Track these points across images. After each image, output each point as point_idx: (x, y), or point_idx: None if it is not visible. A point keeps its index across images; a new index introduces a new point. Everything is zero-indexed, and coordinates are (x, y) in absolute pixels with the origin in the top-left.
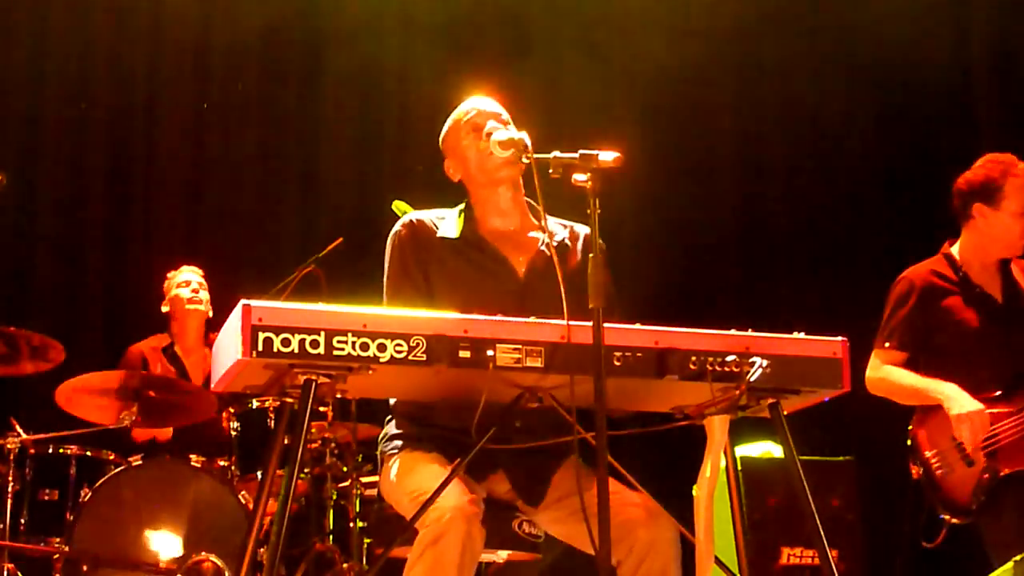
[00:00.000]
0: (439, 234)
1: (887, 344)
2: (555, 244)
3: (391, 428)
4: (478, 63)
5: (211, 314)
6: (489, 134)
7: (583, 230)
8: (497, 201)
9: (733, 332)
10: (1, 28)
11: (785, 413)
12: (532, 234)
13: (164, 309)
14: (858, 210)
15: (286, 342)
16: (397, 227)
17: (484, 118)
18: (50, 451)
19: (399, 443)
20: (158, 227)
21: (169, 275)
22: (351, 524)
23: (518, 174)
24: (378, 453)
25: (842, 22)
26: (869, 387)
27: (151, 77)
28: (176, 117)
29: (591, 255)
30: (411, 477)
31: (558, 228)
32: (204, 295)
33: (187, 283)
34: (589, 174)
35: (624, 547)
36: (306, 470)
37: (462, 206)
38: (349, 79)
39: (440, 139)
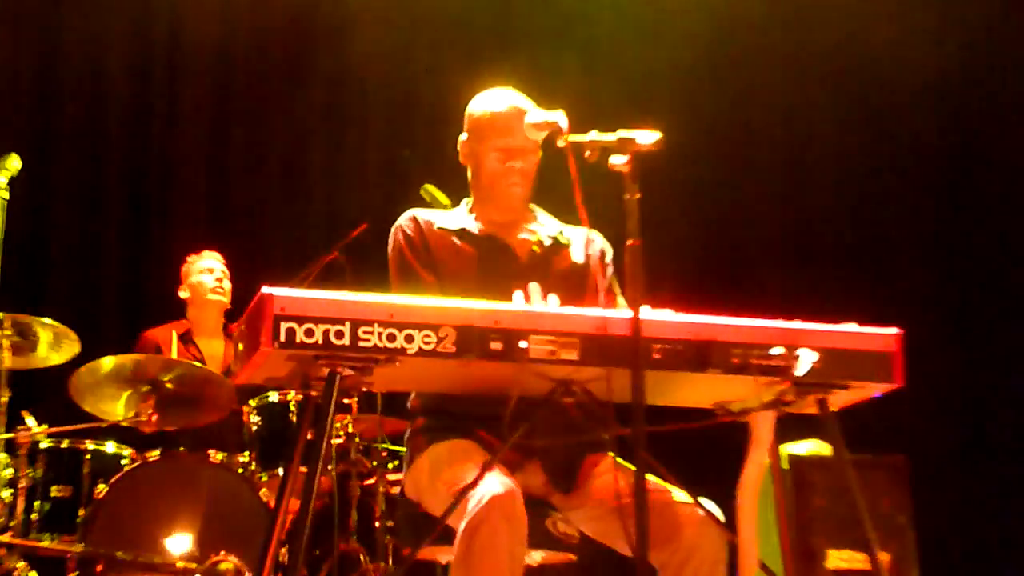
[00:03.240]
0: (438, 226)
1: None
2: (550, 237)
3: (416, 425)
4: (511, 50)
5: (229, 305)
6: (512, 169)
7: (585, 232)
8: (504, 197)
9: (779, 323)
10: (17, 15)
11: (834, 409)
12: (531, 226)
13: (183, 295)
14: (912, 198)
15: (309, 332)
16: (400, 222)
17: (515, 152)
18: (63, 446)
19: (428, 436)
20: (178, 213)
21: (189, 259)
22: (376, 523)
23: (529, 187)
24: (405, 453)
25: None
26: None
27: (172, 59)
28: (198, 101)
29: (628, 243)
30: (447, 468)
31: (553, 224)
32: (227, 284)
33: (211, 270)
34: (628, 157)
35: (668, 549)
36: (330, 466)
37: (464, 207)
38: (377, 65)
39: (470, 114)
